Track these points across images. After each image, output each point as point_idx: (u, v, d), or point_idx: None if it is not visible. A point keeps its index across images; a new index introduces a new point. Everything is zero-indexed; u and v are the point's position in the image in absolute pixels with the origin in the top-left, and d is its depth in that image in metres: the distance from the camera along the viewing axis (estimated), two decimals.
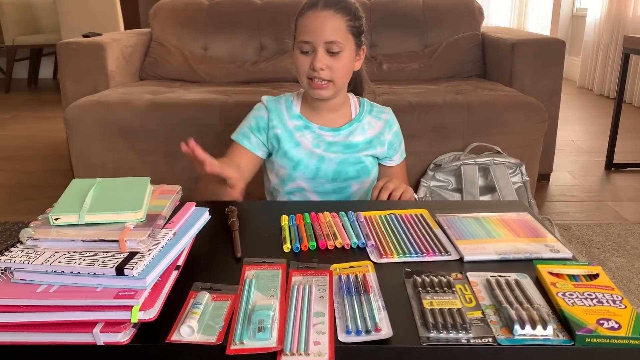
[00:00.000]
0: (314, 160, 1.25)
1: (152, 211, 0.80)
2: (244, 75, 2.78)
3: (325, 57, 1.17)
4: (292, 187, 1.27)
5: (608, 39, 4.79)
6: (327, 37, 1.16)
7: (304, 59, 1.19)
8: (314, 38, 1.17)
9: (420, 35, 2.86)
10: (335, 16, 1.18)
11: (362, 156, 1.27)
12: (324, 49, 1.17)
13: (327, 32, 1.17)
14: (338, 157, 1.26)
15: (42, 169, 2.98)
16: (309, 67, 1.18)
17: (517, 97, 2.26)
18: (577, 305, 0.70)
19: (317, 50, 1.17)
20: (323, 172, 1.26)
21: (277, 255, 0.87)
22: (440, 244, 0.89)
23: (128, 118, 2.16)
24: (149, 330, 0.67)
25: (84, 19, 4.11)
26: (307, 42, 1.17)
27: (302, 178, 1.26)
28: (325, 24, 1.17)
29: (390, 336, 0.66)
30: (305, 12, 1.19)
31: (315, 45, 1.17)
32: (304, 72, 1.20)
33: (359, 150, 1.27)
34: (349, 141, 1.27)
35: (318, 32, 1.16)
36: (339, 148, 1.27)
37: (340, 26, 1.18)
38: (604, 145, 3.03)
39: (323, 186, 1.26)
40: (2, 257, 0.70)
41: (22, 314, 0.66)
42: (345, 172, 1.26)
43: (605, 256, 1.96)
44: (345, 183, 1.26)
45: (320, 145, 1.26)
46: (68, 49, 2.45)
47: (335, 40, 1.17)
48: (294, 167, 1.25)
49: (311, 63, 1.18)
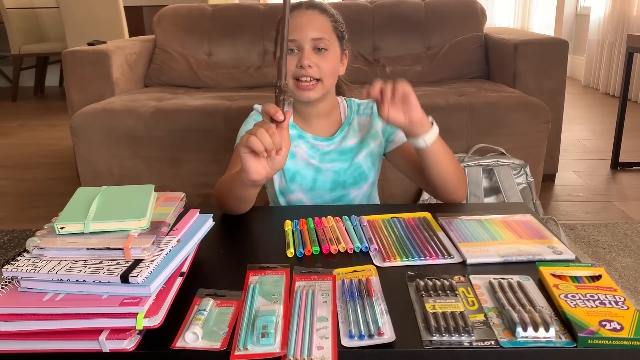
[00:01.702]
0: (310, 171, 1.23)
1: (156, 218, 0.81)
2: (248, 81, 2.79)
3: (312, 55, 1.14)
4: (291, 199, 1.25)
5: (612, 38, 4.77)
6: (314, 34, 1.14)
7: (290, 59, 1.14)
8: (300, 36, 1.14)
9: (423, 37, 2.86)
10: (320, 15, 1.17)
11: (358, 161, 1.24)
12: (310, 46, 1.14)
13: (313, 29, 1.14)
14: (334, 167, 1.24)
15: (48, 176, 3.00)
16: (296, 66, 1.14)
17: (521, 97, 2.26)
18: (580, 306, 0.70)
19: (304, 48, 1.14)
20: (321, 183, 1.23)
21: (281, 261, 0.87)
22: (443, 247, 0.90)
23: (133, 125, 2.18)
24: (154, 337, 0.68)
25: (89, 27, 4.14)
26: (292, 40, 1.14)
27: (299, 190, 1.24)
28: (311, 21, 1.15)
29: (393, 340, 0.66)
30: (290, 13, 1.18)
31: (301, 43, 1.14)
32: (290, 72, 1.15)
33: (354, 154, 1.24)
34: (343, 147, 1.24)
35: (304, 30, 1.14)
36: (334, 156, 1.24)
37: (326, 25, 1.17)
38: (609, 145, 3.02)
39: (322, 198, 1.24)
40: (9, 267, 0.71)
41: (29, 322, 0.67)
42: (342, 181, 1.24)
43: (611, 256, 1.95)
44: (344, 191, 1.24)
45: (315, 156, 1.24)
46: (73, 57, 2.48)
47: (322, 37, 1.14)
48: (291, 179, 1.23)
49: (298, 61, 1.14)
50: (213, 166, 2.20)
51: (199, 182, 2.24)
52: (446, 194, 1.15)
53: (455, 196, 1.16)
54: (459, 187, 1.15)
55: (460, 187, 1.16)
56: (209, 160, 2.20)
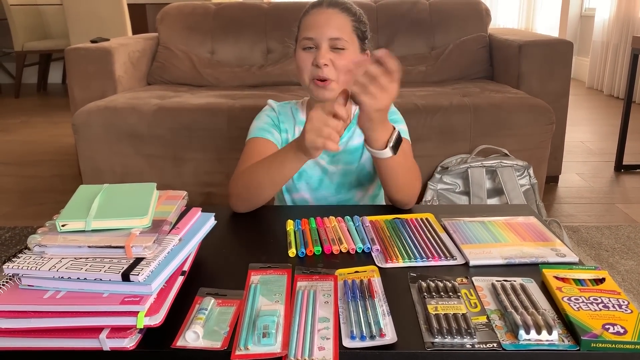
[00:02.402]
0: (317, 171, 1.23)
1: (158, 217, 0.80)
2: (251, 79, 2.79)
3: (329, 53, 1.13)
4: (295, 197, 1.25)
5: (617, 39, 4.76)
6: (332, 34, 1.13)
7: (307, 56, 1.14)
8: (317, 34, 1.13)
9: (427, 38, 2.86)
10: (341, 14, 1.15)
11: (363, 162, 1.23)
12: (328, 45, 1.13)
13: (331, 28, 1.13)
14: (340, 170, 1.23)
15: (50, 173, 3.00)
16: (312, 64, 1.14)
17: (525, 99, 2.25)
18: (583, 310, 0.69)
19: (321, 46, 1.13)
20: (326, 184, 1.23)
21: (283, 260, 0.87)
22: (446, 249, 0.89)
23: (135, 123, 2.18)
24: (154, 336, 0.68)
25: (92, 25, 4.14)
26: (310, 38, 1.14)
27: (305, 189, 1.24)
28: (330, 20, 1.14)
29: (395, 341, 0.66)
30: (310, 10, 1.17)
31: (319, 41, 1.13)
32: (306, 70, 1.15)
33: (360, 155, 1.24)
34: (349, 147, 1.24)
35: (322, 28, 1.13)
36: (341, 156, 1.23)
37: (346, 24, 1.15)
38: (613, 147, 3.00)
39: (327, 200, 1.24)
40: (10, 264, 0.71)
41: (30, 320, 0.67)
42: (348, 182, 1.23)
43: (614, 259, 1.95)
44: (349, 194, 1.24)
45: (323, 157, 1.23)
46: (76, 54, 2.47)
47: (340, 37, 1.13)
48: (298, 177, 1.22)
49: (314, 59, 1.13)
50: (216, 165, 2.19)
51: (201, 180, 2.23)
52: (393, 199, 1.11)
53: (402, 203, 1.11)
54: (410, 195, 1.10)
55: (412, 196, 1.11)
56: (211, 159, 2.19)
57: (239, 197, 1.09)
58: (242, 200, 1.09)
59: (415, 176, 1.11)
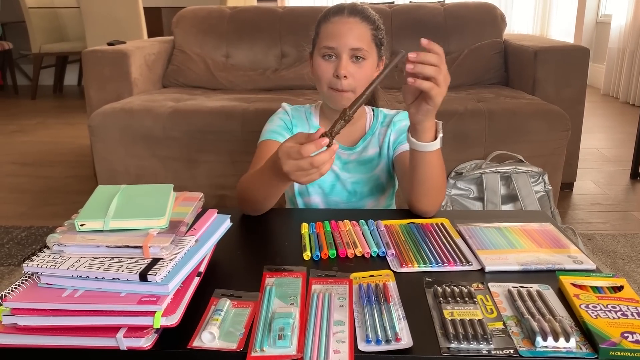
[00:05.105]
0: (330, 177, 1.23)
1: (175, 218, 0.81)
2: (265, 83, 2.80)
3: (349, 64, 1.14)
4: (307, 201, 1.25)
5: (633, 46, 4.71)
6: (353, 44, 1.13)
7: (327, 65, 1.15)
8: (339, 44, 1.13)
9: (442, 42, 2.82)
10: (361, 24, 1.15)
11: (376, 173, 1.23)
12: (348, 55, 1.14)
13: (353, 38, 1.14)
14: (352, 178, 1.23)
15: (66, 174, 3.03)
16: (332, 75, 1.14)
17: (540, 105, 2.24)
18: (601, 317, 0.69)
19: (342, 57, 1.13)
20: (338, 190, 1.23)
21: (297, 263, 0.87)
22: (462, 254, 0.89)
23: (151, 125, 2.20)
24: (170, 336, 0.68)
25: (109, 28, 4.18)
26: (331, 47, 1.14)
27: (317, 193, 1.24)
28: (352, 30, 1.14)
29: (411, 346, 0.66)
30: (331, 17, 1.17)
31: (340, 51, 1.14)
32: (325, 79, 1.16)
33: (374, 166, 1.23)
34: (363, 157, 1.24)
35: (344, 38, 1.13)
36: (353, 166, 1.23)
37: (366, 34, 1.16)
38: (629, 154, 2.97)
39: (338, 205, 1.24)
40: (30, 262, 0.72)
41: (48, 318, 0.68)
42: (360, 192, 1.23)
43: (630, 267, 1.92)
44: (360, 202, 1.24)
45: (336, 163, 1.23)
46: (93, 56, 2.50)
47: (360, 47, 1.14)
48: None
49: (335, 70, 1.14)
50: (229, 168, 2.20)
51: (215, 183, 2.24)
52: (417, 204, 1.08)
53: (425, 210, 1.08)
54: (436, 202, 1.08)
55: (437, 203, 1.08)
56: (225, 161, 2.20)
57: (242, 201, 1.09)
58: (244, 204, 1.09)
59: (443, 181, 1.09)
